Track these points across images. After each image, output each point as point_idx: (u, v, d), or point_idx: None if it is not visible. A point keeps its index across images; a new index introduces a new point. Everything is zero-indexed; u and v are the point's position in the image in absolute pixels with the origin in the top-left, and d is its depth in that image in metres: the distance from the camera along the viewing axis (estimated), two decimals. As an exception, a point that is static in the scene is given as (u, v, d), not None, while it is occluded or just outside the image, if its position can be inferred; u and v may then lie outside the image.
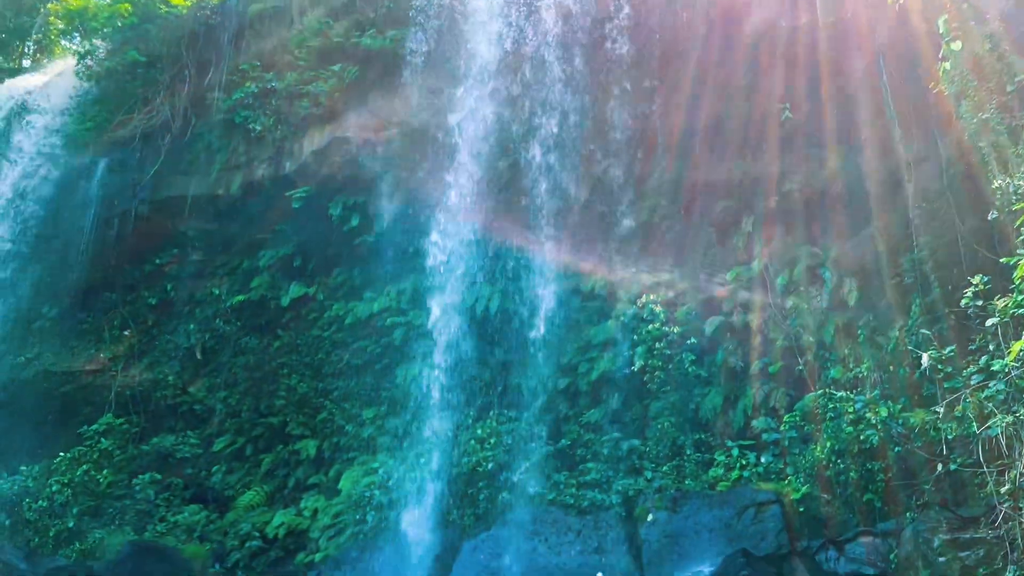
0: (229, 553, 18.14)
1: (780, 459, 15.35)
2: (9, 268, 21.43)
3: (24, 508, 19.09)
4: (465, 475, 17.06)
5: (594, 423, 17.38)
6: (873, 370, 14.82)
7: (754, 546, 14.13)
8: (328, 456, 19.41)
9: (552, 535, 15.82)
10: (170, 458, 20.30)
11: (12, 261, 21.47)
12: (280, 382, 20.41)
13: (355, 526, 17.40)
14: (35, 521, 18.99)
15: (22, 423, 20.90)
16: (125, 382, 21.13)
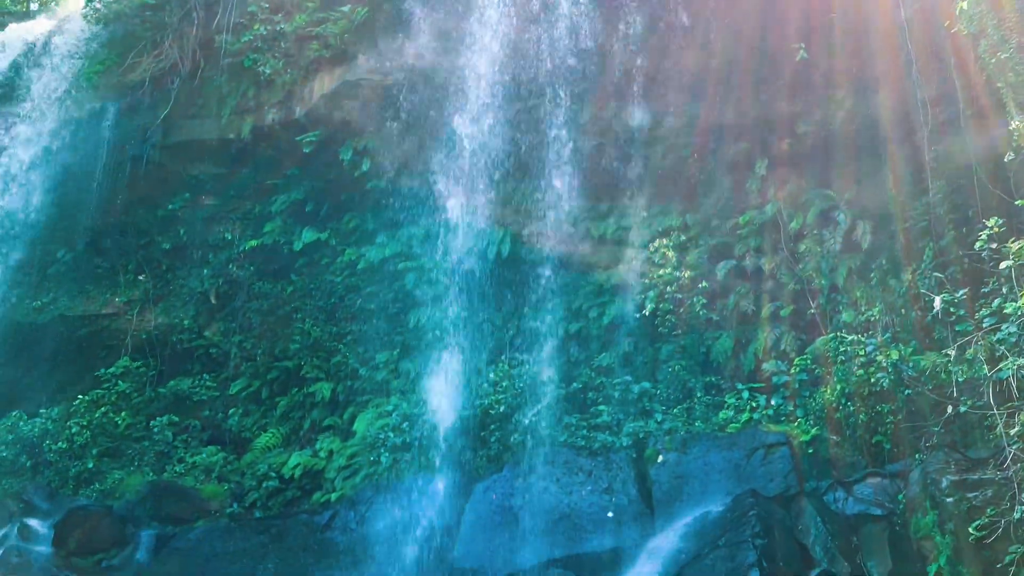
0: (247, 493, 18.51)
1: (790, 402, 15.47)
2: (23, 213, 21.53)
3: (44, 450, 19.52)
4: (477, 417, 17.26)
5: (605, 367, 17.51)
6: (884, 313, 14.85)
7: (763, 487, 14.32)
8: (343, 399, 19.64)
9: (563, 476, 16.05)
10: (187, 401, 20.60)
11: (26, 207, 21.56)
12: (294, 326, 20.58)
13: (369, 467, 17.68)
14: (55, 462, 19.42)
15: (40, 367, 21.22)
16: (141, 326, 21.36)
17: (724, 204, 17.63)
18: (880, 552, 12.64)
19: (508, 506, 15.87)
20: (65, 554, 17.37)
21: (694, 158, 17.88)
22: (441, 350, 18.24)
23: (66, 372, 21.36)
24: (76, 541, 17.51)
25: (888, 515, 13.12)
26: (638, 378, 17.04)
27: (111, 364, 20.73)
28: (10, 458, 19.70)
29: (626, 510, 15.29)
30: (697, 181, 17.93)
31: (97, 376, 20.52)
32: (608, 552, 14.76)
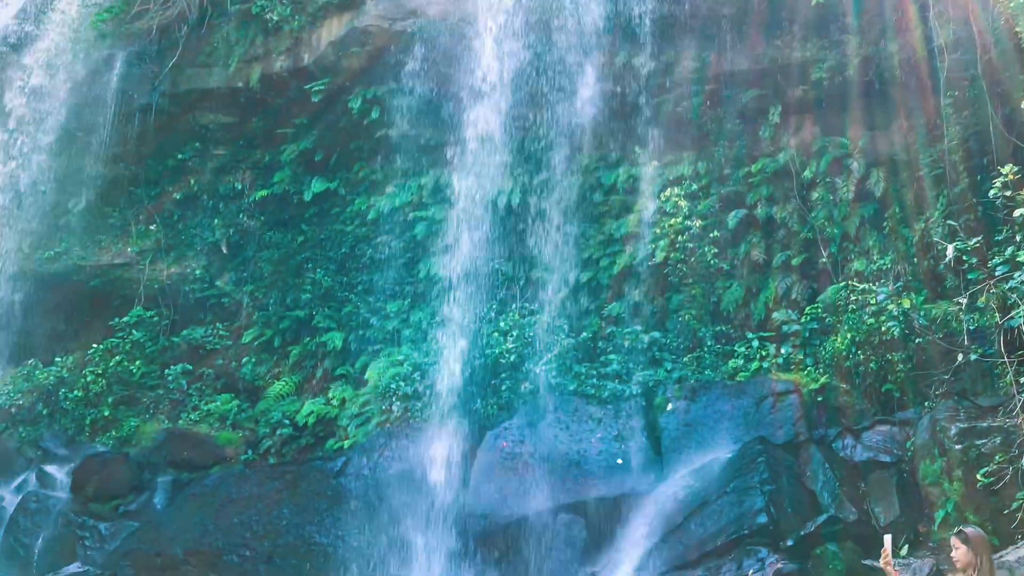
0: (261, 440, 18.75)
1: (800, 350, 15.49)
2: (34, 163, 21.53)
3: (60, 398, 19.77)
4: (488, 366, 17.37)
5: (615, 316, 17.55)
6: (896, 262, 14.80)
7: (771, 434, 14.41)
8: (354, 348, 19.77)
9: (573, 423, 16.18)
10: (200, 350, 20.77)
11: (36, 156, 21.55)
12: (305, 276, 20.65)
13: (381, 415, 17.86)
14: (72, 410, 19.68)
15: (54, 316, 21.40)
16: (153, 276, 21.45)
17: (736, 152, 17.48)
18: (887, 498, 12.74)
19: (518, 453, 16.02)
20: (83, 500, 17.69)
21: (706, 106, 17.71)
22: (451, 300, 18.29)
23: (80, 321, 21.54)
24: (93, 487, 17.81)
25: (896, 462, 13.20)
26: (648, 327, 17.09)
27: (125, 313, 20.87)
28: (27, 406, 19.98)
29: (635, 457, 15.42)
30: (709, 129, 17.77)
31: (111, 325, 20.69)
32: (617, 498, 14.90)
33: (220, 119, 21.54)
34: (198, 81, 21.32)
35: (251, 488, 16.73)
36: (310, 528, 15.88)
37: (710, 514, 13.44)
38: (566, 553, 14.62)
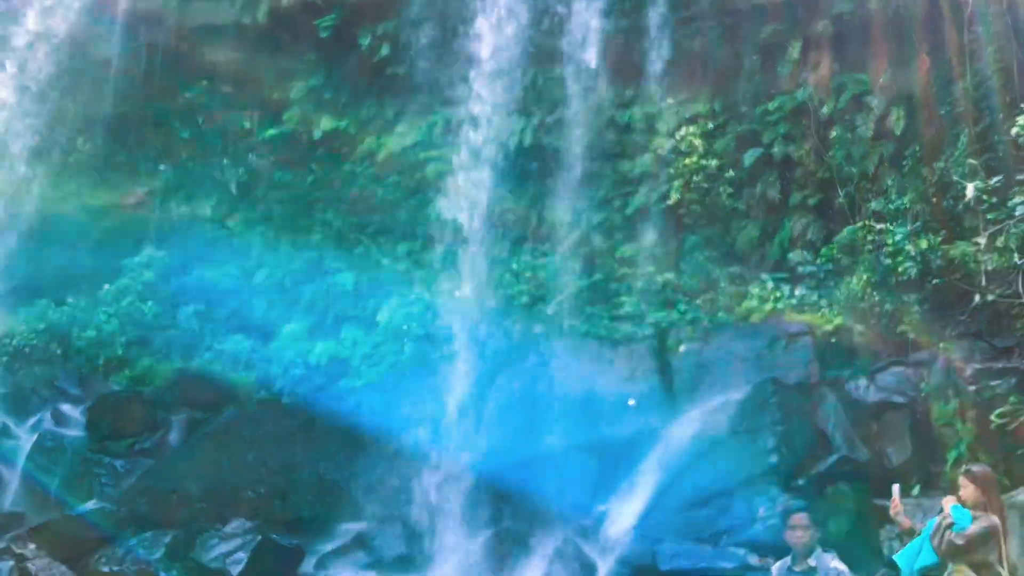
0: (274, 380, 18.83)
1: (814, 291, 15.38)
2: (41, 102, 21.33)
3: (74, 338, 19.86)
4: (500, 308, 17.34)
5: (628, 257, 17.42)
6: (915, 202, 14.57)
7: (784, 375, 14.39)
8: (366, 289, 19.74)
9: (585, 364, 16.19)
10: (212, 290, 20.76)
11: (44, 95, 21.34)
12: (315, 217, 20.56)
13: (393, 356, 17.91)
14: (85, 350, 19.77)
15: (66, 256, 21.39)
16: (163, 215, 21.40)
17: (754, 90, 17.12)
18: (900, 439, 12.75)
19: (530, 394, 16.09)
20: (98, 438, 17.85)
21: (724, 41, 17.32)
22: (463, 241, 18.20)
23: (92, 262, 21.51)
24: (108, 425, 17.97)
25: (909, 403, 13.18)
26: (661, 269, 16.97)
27: (136, 254, 20.87)
28: (40, 346, 20.07)
29: (647, 398, 15.45)
30: (726, 66, 17.40)
31: (122, 266, 20.71)
32: (628, 437, 14.98)
33: (227, 56, 21.20)
34: (205, 16, 21.00)
35: (265, 427, 16.85)
36: (324, 465, 16.04)
37: (721, 454, 13.52)
38: (577, 491, 14.76)
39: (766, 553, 11.19)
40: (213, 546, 12.89)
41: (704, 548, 11.74)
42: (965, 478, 7.48)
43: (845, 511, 11.66)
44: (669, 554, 11.76)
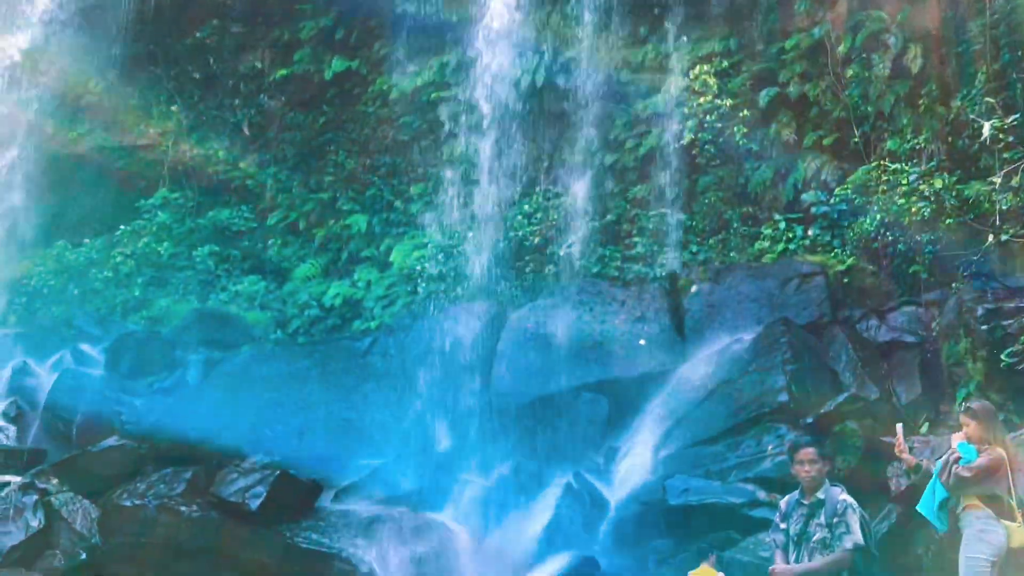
0: (289, 320, 19.08)
1: (827, 232, 15.36)
2: (53, 43, 21.23)
3: (91, 278, 20.10)
4: (512, 249, 17.42)
5: (641, 198, 17.41)
6: (930, 141, 14.46)
7: (795, 315, 14.44)
8: (379, 231, 19.84)
9: (596, 305, 16.27)
10: (226, 231, 20.92)
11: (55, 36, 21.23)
12: (328, 158, 20.57)
13: (407, 297, 18.08)
14: (102, 290, 20.05)
15: (81, 197, 21.54)
16: (177, 157, 21.44)
17: (770, 28, 16.88)
18: (910, 378, 12.83)
19: (542, 334, 16.20)
20: (118, 377, 18.15)
21: (741, -24, 17.06)
22: (475, 182, 18.19)
23: (107, 203, 21.67)
24: (127, 364, 18.25)
25: (920, 343, 13.24)
26: (674, 210, 16.96)
27: (150, 195, 20.99)
28: (58, 287, 20.33)
29: (658, 338, 15.54)
30: (742, 3, 17.15)
31: (137, 207, 20.82)
32: (639, 377, 15.11)
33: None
34: (215, -47, 20.79)
35: (281, 366, 17.10)
36: (339, 405, 16.29)
37: (731, 393, 13.61)
38: (589, 429, 14.94)
39: (774, 489, 11.37)
40: (232, 481, 13.13)
41: (713, 484, 11.87)
42: (965, 416, 7.60)
43: (853, 448, 11.73)
44: (678, 489, 11.88)
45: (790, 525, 5.99)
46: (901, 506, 11.19)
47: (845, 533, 5.74)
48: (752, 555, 10.40)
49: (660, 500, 12.11)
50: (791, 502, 6.12)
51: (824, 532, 5.81)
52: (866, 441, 11.78)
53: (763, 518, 10.89)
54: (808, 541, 5.89)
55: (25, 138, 20.94)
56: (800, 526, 5.92)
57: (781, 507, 6.10)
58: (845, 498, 5.88)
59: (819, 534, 5.83)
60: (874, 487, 11.52)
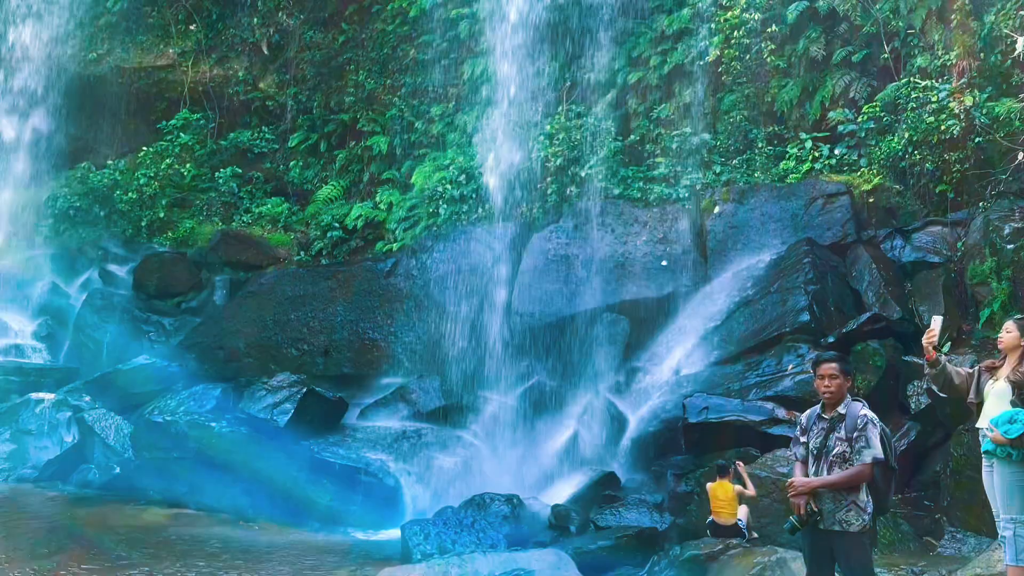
0: (312, 242, 19.19)
1: (854, 151, 15.14)
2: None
3: (116, 200, 20.25)
4: (534, 170, 17.30)
5: (664, 118, 17.17)
6: (962, 57, 14.09)
7: (819, 236, 14.35)
8: (400, 152, 19.77)
9: (618, 226, 16.23)
10: (248, 153, 20.93)
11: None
12: (348, 78, 20.39)
13: (428, 219, 18.09)
14: (128, 212, 20.22)
15: (102, 119, 21.54)
16: (196, 77, 21.33)
17: (800, -61, 16.40)
18: (933, 297, 12.76)
19: (564, 255, 16.24)
20: (145, 296, 18.48)
21: None
22: (496, 102, 17.98)
23: (129, 125, 21.69)
24: (154, 285, 18.56)
25: (945, 262, 13.14)
26: (697, 129, 16.73)
27: (171, 116, 20.96)
28: (84, 208, 20.51)
29: (680, 259, 15.53)
30: (771, -86, 16.61)
31: (159, 128, 20.81)
32: (661, 298, 15.16)
33: (254, -91, 20.63)
34: None
35: (305, 287, 17.28)
36: (363, 325, 16.50)
37: (753, 313, 13.64)
38: (610, 350, 15.06)
39: (794, 407, 11.48)
40: (261, 398, 13.45)
41: (732, 402, 11.97)
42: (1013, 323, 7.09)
43: (874, 368, 11.80)
44: (698, 407, 11.99)
45: (810, 439, 6.04)
46: (920, 424, 11.32)
47: (865, 447, 5.76)
48: (770, 471, 10.57)
49: (679, 418, 12.25)
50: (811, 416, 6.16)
51: (844, 446, 5.84)
52: (887, 360, 11.82)
53: (782, 435, 11.05)
54: (827, 455, 5.92)
55: (45, 60, 20.86)
56: (820, 440, 5.97)
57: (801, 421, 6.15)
58: (866, 413, 5.89)
59: (839, 448, 5.86)
60: (894, 407, 11.63)
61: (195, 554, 10.38)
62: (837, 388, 6.02)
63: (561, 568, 7.69)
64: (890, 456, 5.83)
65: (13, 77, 20.69)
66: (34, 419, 14.60)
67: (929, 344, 6.88)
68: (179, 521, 12.18)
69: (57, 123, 20.92)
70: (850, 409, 5.95)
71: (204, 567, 9.81)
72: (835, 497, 5.72)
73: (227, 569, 9.81)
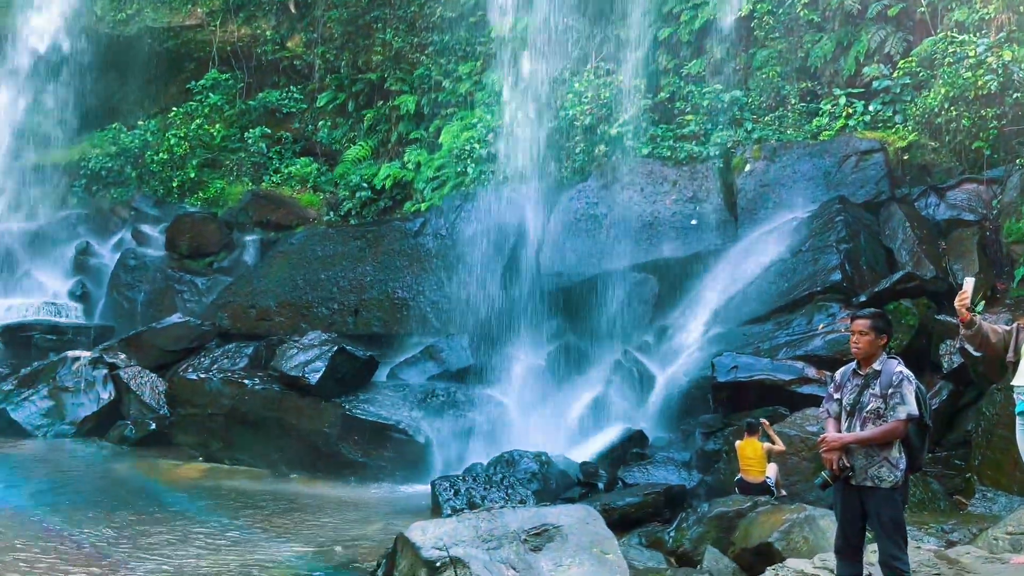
0: (341, 202, 19.25)
1: (889, 107, 14.88)
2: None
3: (147, 160, 20.41)
4: (562, 129, 17.19)
5: (695, 74, 16.95)
6: (1000, 11, 13.76)
7: (852, 194, 14.17)
8: (427, 112, 19.70)
9: (648, 185, 16.12)
10: (277, 113, 20.96)
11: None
12: (375, 37, 20.28)
13: (456, 178, 18.06)
14: (159, 172, 20.39)
15: (133, 80, 21.64)
16: (225, 37, 21.33)
17: None
18: (967, 256, 12.58)
19: (592, 215, 16.17)
20: (177, 256, 18.68)
21: None
22: (525, 60, 17.81)
23: (158, 85, 21.79)
24: (186, 244, 18.74)
25: (980, 220, 12.95)
26: (729, 86, 16.50)
27: (200, 77, 21.00)
28: (116, 169, 20.72)
29: (709, 218, 15.41)
30: None
31: (188, 89, 20.87)
32: (690, 257, 15.08)
33: None
34: None
35: (335, 247, 17.36)
36: (392, 284, 16.58)
37: (783, 272, 13.53)
38: (638, 309, 15.03)
39: (824, 366, 11.41)
40: (292, 356, 13.58)
41: (762, 361, 11.91)
42: None
43: (906, 327, 11.68)
44: (727, 366, 11.94)
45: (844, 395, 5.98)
46: (952, 383, 11.23)
47: (899, 404, 5.68)
48: (799, 429, 10.55)
49: (708, 377, 12.23)
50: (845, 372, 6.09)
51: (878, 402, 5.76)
52: (920, 319, 11.71)
53: (812, 395, 11.01)
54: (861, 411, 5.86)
55: (75, 21, 20.93)
56: (853, 396, 5.91)
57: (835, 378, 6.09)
58: (901, 370, 5.80)
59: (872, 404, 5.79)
60: (926, 365, 11.54)
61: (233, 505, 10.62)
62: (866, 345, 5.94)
63: (590, 523, 7.73)
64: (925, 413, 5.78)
65: (43, 39, 20.78)
66: (71, 376, 14.88)
67: (962, 306, 6.75)
68: (214, 475, 12.44)
69: (87, 84, 21.04)
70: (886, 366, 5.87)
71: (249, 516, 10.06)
72: (867, 453, 5.69)
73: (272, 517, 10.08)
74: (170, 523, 9.66)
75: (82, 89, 20.96)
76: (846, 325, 11.80)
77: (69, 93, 20.97)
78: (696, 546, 8.43)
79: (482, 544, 7.34)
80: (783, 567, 6.37)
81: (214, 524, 9.67)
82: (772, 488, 9.62)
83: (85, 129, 21.46)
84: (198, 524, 9.64)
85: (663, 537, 8.84)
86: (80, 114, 21.15)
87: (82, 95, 21.02)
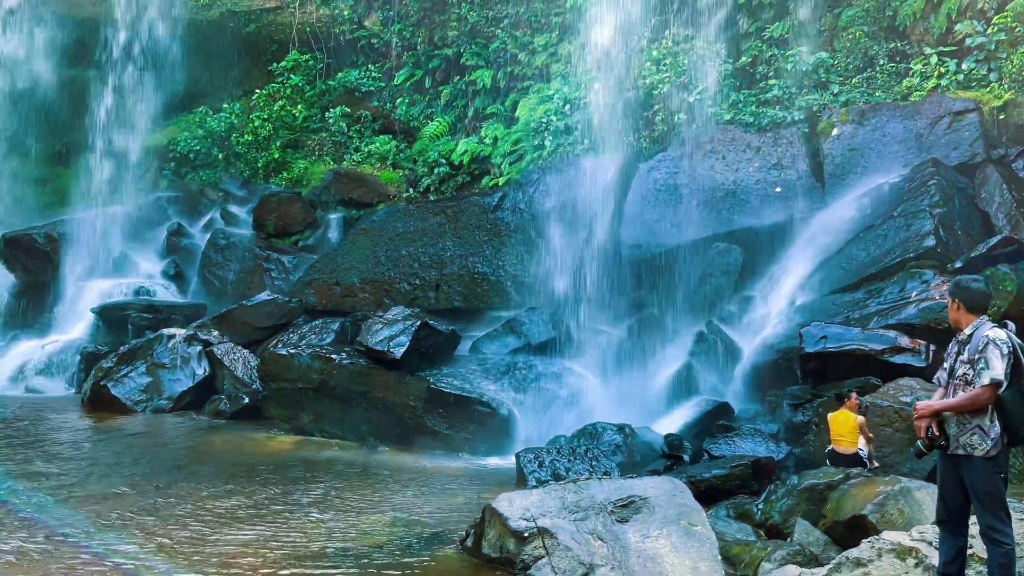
0: (420, 179, 19.43)
1: (983, 65, 14.26)
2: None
3: (233, 143, 20.93)
4: (640, 98, 16.97)
5: (778, 37, 16.50)
6: (1109, -43, 13.03)
7: (945, 156, 13.66)
8: (504, 85, 19.68)
9: (729, 153, 15.82)
10: (356, 92, 21.23)
11: None
12: (450, 12, 20.29)
13: (534, 151, 18.03)
14: (244, 154, 20.90)
15: (217, 64, 22.13)
16: (304, 18, 21.64)
17: None
18: (1070, 218, 12.04)
19: (672, 185, 15.96)
20: (264, 236, 19.17)
21: None
22: (600, 29, 17.59)
23: (241, 68, 22.25)
24: (272, 224, 19.20)
25: (1086, 182, 12.36)
26: (814, 48, 16.04)
27: (281, 58, 21.39)
28: (203, 151, 21.31)
29: (794, 185, 15.07)
30: None
31: (270, 71, 21.28)
32: (774, 226, 14.78)
33: None
34: None
35: (415, 223, 17.54)
36: (472, 259, 16.68)
37: (874, 238, 13.15)
38: (721, 279, 14.81)
39: (918, 335, 11.07)
40: (377, 331, 13.80)
41: (852, 330, 11.60)
42: None
43: (1004, 292, 11.23)
44: (815, 336, 11.64)
45: (947, 362, 5.87)
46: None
47: (984, 369, 5.51)
48: (893, 400, 10.28)
49: (795, 348, 11.97)
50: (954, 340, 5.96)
51: (966, 368, 5.62)
52: (1019, 284, 11.24)
53: (905, 364, 10.70)
54: (954, 378, 5.75)
55: (159, 7, 21.49)
56: (951, 363, 5.79)
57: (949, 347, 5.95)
58: (988, 334, 5.57)
59: (962, 370, 5.66)
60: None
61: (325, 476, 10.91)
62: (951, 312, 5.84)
63: (676, 495, 7.70)
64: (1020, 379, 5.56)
65: (130, 27, 21.40)
66: (167, 353, 15.42)
67: None
68: (306, 447, 12.78)
69: (173, 69, 21.61)
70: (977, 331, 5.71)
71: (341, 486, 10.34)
72: (959, 421, 5.55)
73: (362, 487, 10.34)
74: (268, 490, 9.97)
75: (166, 75, 21.55)
76: (941, 292, 11.43)
77: (157, 78, 21.58)
78: (786, 519, 8.29)
79: (569, 515, 7.39)
80: (880, 539, 6.23)
81: (308, 493, 9.95)
82: (865, 460, 9.41)
83: (173, 113, 22.10)
84: (294, 494, 9.93)
85: (751, 509, 8.72)
86: (168, 98, 21.76)
87: (169, 80, 21.61)
